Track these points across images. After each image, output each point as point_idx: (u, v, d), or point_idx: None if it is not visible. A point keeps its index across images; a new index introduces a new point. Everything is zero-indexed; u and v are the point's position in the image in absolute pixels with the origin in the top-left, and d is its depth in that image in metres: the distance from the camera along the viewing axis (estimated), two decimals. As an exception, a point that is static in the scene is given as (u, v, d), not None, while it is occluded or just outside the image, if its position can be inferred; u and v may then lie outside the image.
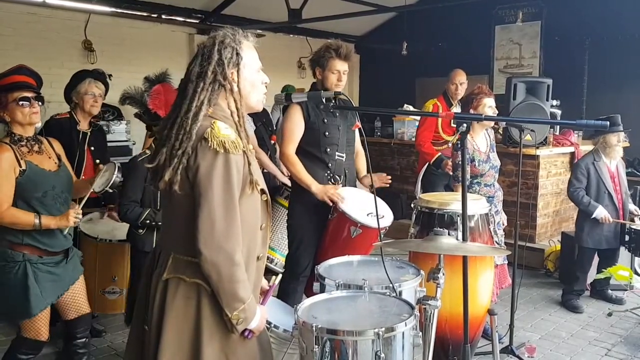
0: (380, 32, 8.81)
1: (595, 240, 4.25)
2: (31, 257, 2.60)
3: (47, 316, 2.71)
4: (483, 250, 2.50)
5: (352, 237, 3.03)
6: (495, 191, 3.66)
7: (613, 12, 6.46)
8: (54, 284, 2.68)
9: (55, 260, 2.70)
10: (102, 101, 3.72)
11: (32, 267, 2.60)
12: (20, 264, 2.58)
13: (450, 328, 2.82)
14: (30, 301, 2.57)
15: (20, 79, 2.65)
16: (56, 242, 2.69)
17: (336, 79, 3.19)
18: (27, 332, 2.68)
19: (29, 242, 2.60)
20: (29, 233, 2.59)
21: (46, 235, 2.64)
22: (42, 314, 2.67)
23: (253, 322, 1.72)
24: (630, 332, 3.93)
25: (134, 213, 2.97)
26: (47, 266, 2.65)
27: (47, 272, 2.64)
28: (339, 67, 3.18)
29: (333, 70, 3.18)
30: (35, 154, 2.65)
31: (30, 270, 2.59)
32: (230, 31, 1.78)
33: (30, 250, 2.60)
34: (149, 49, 6.74)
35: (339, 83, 3.20)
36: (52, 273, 2.67)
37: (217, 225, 1.62)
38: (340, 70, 3.19)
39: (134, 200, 2.98)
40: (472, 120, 3.18)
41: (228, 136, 1.65)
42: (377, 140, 7.07)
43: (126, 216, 3.00)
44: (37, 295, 2.59)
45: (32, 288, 2.58)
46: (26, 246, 2.60)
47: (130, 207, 2.97)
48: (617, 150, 4.27)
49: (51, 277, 2.66)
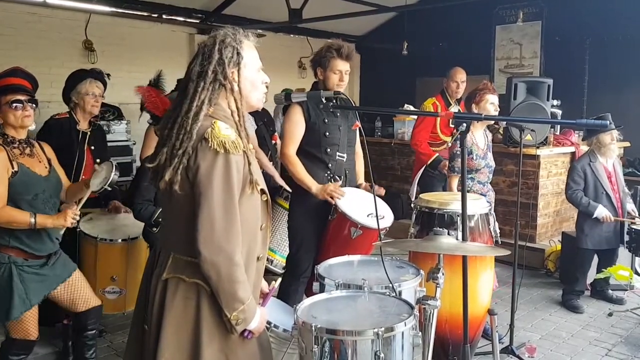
0: (381, 32, 8.80)
1: (595, 242, 4.24)
2: (16, 260, 2.61)
3: (34, 316, 2.71)
4: (483, 250, 2.49)
5: (352, 238, 3.02)
6: (487, 191, 3.67)
7: (613, 12, 6.46)
8: (40, 284, 2.68)
9: (40, 263, 2.70)
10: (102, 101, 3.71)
11: (17, 269, 2.60)
12: (6, 266, 2.58)
13: (450, 328, 2.82)
14: (13, 304, 2.57)
15: (14, 82, 2.65)
16: (43, 246, 2.69)
17: (338, 79, 3.18)
18: (16, 333, 2.69)
19: (16, 244, 2.60)
20: (17, 236, 2.59)
21: (33, 239, 2.64)
22: (29, 314, 2.67)
23: (252, 322, 1.71)
24: (630, 332, 3.92)
25: (147, 211, 3.04)
26: (32, 268, 2.65)
27: (33, 274, 2.65)
28: (340, 67, 3.17)
29: (335, 71, 3.17)
30: (27, 157, 2.66)
31: (16, 272, 2.59)
32: (231, 31, 1.78)
33: (15, 253, 2.61)
34: (150, 48, 6.75)
35: (340, 83, 3.19)
36: (39, 274, 2.67)
37: (217, 225, 1.62)
38: (342, 70, 3.18)
39: (148, 199, 3.06)
40: (472, 120, 3.18)
41: (228, 136, 1.65)
42: (378, 140, 7.07)
43: (140, 214, 3.09)
44: (20, 298, 2.59)
45: (17, 290, 2.58)
46: (12, 248, 2.60)
47: (144, 205, 3.05)
48: (612, 149, 4.26)
49: (38, 278, 2.66)
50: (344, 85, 3.21)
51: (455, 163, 3.60)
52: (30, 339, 2.72)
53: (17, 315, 2.60)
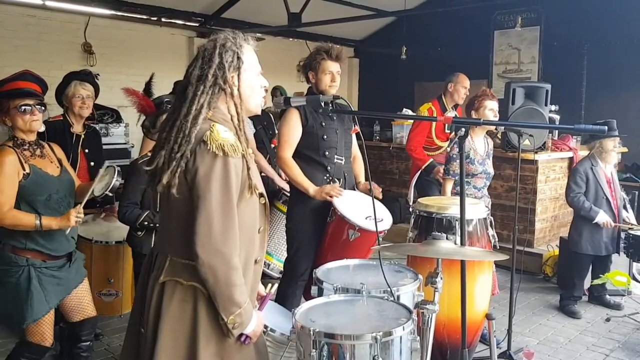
0: (380, 37, 8.83)
1: (595, 247, 4.24)
2: (35, 262, 2.60)
3: (51, 320, 2.70)
4: (481, 255, 2.49)
5: (350, 241, 3.02)
6: (482, 197, 3.66)
7: (612, 17, 6.49)
8: (57, 287, 2.67)
9: (59, 265, 2.69)
10: (93, 102, 3.69)
11: (36, 272, 2.59)
12: (24, 269, 2.58)
13: (448, 332, 2.82)
14: (33, 305, 2.57)
15: (23, 85, 2.64)
16: (59, 245, 2.68)
17: (329, 79, 3.19)
18: (32, 336, 2.67)
19: (33, 246, 2.59)
20: (33, 237, 2.59)
21: (49, 240, 2.63)
22: (47, 318, 2.66)
23: (249, 326, 1.71)
24: (628, 337, 3.92)
25: (132, 215, 2.97)
26: (50, 270, 2.64)
27: (50, 276, 2.64)
28: (331, 68, 3.19)
29: (326, 72, 3.19)
30: (38, 158, 2.66)
31: (34, 274, 2.59)
32: (231, 34, 1.78)
33: (33, 255, 2.60)
34: (149, 51, 6.76)
35: (332, 84, 3.20)
36: (56, 277, 2.66)
37: (215, 228, 1.61)
38: (333, 71, 3.19)
39: (134, 202, 2.99)
40: (470, 124, 3.19)
41: (227, 139, 1.65)
42: (376, 144, 7.07)
43: (125, 217, 3.01)
44: (40, 300, 2.58)
45: (36, 292, 2.57)
46: (30, 251, 2.59)
47: (129, 208, 2.98)
48: (612, 156, 4.28)
49: (55, 281, 2.66)
50: (336, 86, 3.22)
51: (450, 166, 3.59)
52: (45, 344, 2.70)
53: (38, 316, 2.59)
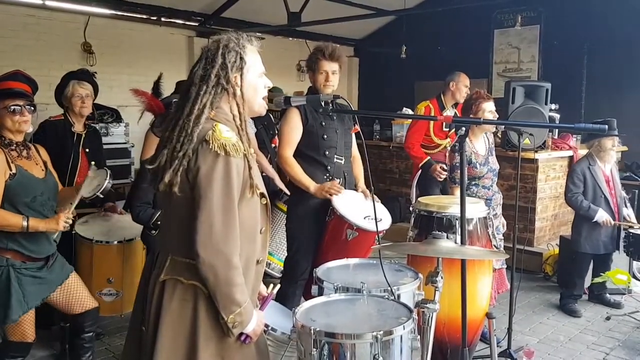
0: (380, 36, 8.82)
1: (593, 246, 4.25)
2: (14, 262, 2.60)
3: (31, 318, 2.71)
4: (481, 254, 2.50)
5: (348, 240, 3.02)
6: (494, 194, 3.66)
7: (611, 16, 6.48)
8: (39, 287, 2.67)
9: (38, 266, 2.69)
10: (92, 100, 3.69)
11: (16, 272, 2.59)
12: (4, 269, 2.58)
13: (448, 331, 2.82)
14: (11, 306, 2.56)
15: (14, 85, 2.65)
16: (41, 248, 2.68)
17: (324, 79, 3.21)
18: (13, 336, 2.69)
19: (14, 247, 2.59)
20: (15, 238, 2.58)
21: (32, 241, 2.63)
22: (27, 317, 2.66)
23: (249, 326, 1.71)
24: (628, 336, 3.93)
25: (146, 214, 3.02)
26: (30, 271, 2.64)
27: (30, 277, 2.64)
28: (326, 68, 3.20)
29: (321, 71, 3.21)
30: (24, 160, 2.66)
31: (14, 275, 2.58)
32: (234, 35, 1.78)
33: (13, 255, 2.60)
34: (149, 51, 6.75)
35: (327, 83, 3.21)
36: (37, 277, 2.66)
37: (216, 228, 1.61)
38: (328, 71, 3.21)
39: (146, 201, 3.03)
40: (470, 123, 3.19)
41: (229, 139, 1.65)
42: (376, 143, 7.07)
43: (138, 217, 3.06)
44: (18, 301, 2.58)
45: (15, 293, 2.56)
46: (10, 251, 2.59)
47: (142, 208, 3.02)
48: (611, 155, 4.27)
49: (36, 281, 2.65)
50: (331, 86, 3.22)
51: (455, 175, 3.55)
52: (27, 341, 2.71)
53: (15, 318, 2.59)
